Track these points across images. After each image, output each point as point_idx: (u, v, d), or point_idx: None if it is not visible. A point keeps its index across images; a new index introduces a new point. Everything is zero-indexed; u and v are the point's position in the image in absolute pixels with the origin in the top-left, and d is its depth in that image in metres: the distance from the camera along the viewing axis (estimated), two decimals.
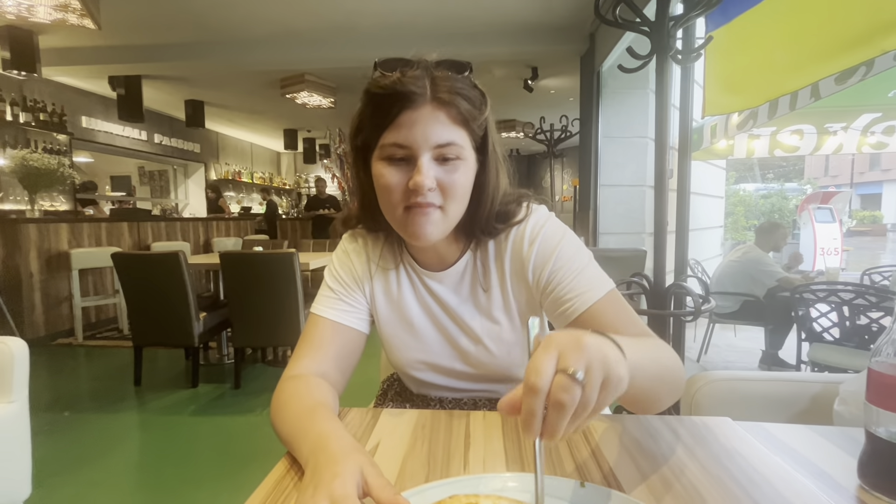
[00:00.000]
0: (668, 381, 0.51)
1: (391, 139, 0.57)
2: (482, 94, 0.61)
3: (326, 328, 0.66)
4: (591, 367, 0.34)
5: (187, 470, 1.86)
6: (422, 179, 0.55)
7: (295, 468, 0.49)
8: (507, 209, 0.66)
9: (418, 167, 0.56)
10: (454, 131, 0.57)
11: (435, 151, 0.57)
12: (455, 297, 0.69)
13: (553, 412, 0.33)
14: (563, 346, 0.34)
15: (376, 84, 0.57)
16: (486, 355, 0.68)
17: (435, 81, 0.56)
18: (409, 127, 0.56)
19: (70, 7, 2.93)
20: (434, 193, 0.57)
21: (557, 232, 0.65)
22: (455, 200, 0.59)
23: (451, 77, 0.57)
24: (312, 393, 0.56)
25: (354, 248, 0.72)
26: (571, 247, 0.63)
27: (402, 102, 0.55)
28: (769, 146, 4.06)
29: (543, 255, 0.63)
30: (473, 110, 0.58)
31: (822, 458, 0.50)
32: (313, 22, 3.95)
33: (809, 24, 1.61)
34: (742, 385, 0.70)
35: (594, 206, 3.86)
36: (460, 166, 0.58)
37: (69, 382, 2.92)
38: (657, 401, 0.51)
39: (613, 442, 0.54)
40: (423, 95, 0.56)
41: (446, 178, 0.57)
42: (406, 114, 0.56)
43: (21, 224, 3.49)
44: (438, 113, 0.56)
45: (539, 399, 0.33)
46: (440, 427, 0.58)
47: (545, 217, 0.66)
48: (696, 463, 0.48)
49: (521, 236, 0.65)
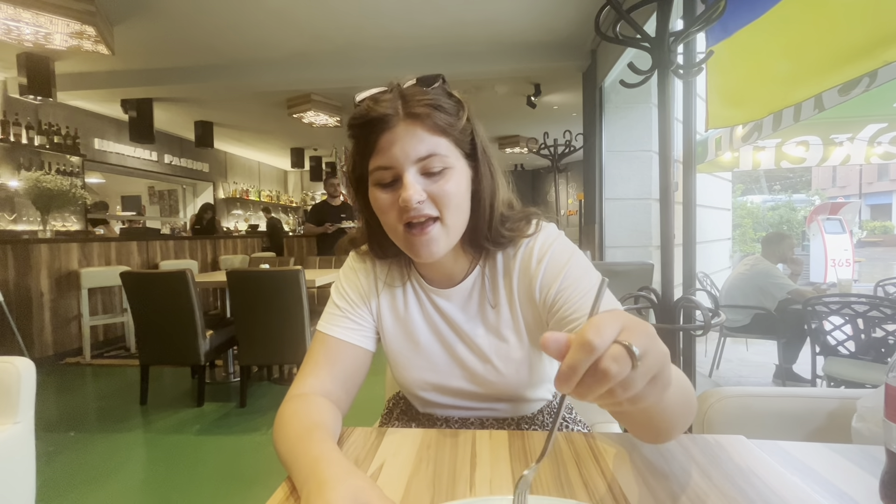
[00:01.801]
0: (683, 406, 0.48)
1: (376, 164, 0.58)
2: (458, 101, 0.61)
3: (332, 346, 0.66)
4: (650, 354, 0.31)
5: (192, 491, 1.84)
6: (408, 194, 0.56)
7: (296, 494, 0.48)
8: (515, 224, 0.65)
9: (404, 184, 0.57)
10: (434, 141, 0.57)
11: (418, 165, 0.57)
12: (463, 314, 0.68)
13: (594, 377, 0.30)
14: (632, 323, 0.32)
15: (353, 117, 0.59)
16: (494, 374, 0.67)
17: (405, 99, 0.57)
18: (389, 148, 0.57)
19: (85, 34, 3.02)
20: (426, 205, 0.58)
21: (566, 251, 0.64)
22: (450, 209, 0.59)
23: (420, 91, 0.58)
24: (311, 414, 0.55)
25: (362, 266, 0.71)
26: (579, 267, 0.62)
27: (378, 126, 0.57)
28: (775, 158, 4.05)
29: (551, 274, 0.62)
30: (449, 118, 0.59)
31: (842, 477, 0.48)
32: (318, 44, 4.04)
33: (810, 36, 1.62)
34: (755, 401, 0.68)
35: (600, 220, 3.85)
36: (450, 175, 0.58)
37: (76, 402, 2.92)
38: (669, 428, 0.48)
39: (625, 461, 0.52)
40: (395, 115, 0.57)
41: (436, 189, 0.58)
42: (384, 136, 0.57)
43: (33, 244, 3.55)
44: (414, 128, 0.57)
45: (589, 358, 0.29)
46: (446, 447, 0.57)
47: (554, 235, 0.66)
48: (710, 483, 0.47)
49: (529, 253, 0.65)
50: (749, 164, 4.19)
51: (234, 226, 8.54)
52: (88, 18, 2.93)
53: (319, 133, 6.56)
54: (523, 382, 0.68)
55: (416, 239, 0.58)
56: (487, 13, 3.51)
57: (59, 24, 2.89)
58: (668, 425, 0.47)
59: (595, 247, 3.85)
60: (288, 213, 10.28)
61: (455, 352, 0.68)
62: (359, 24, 3.67)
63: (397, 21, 3.63)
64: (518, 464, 0.52)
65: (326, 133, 6.47)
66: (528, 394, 0.69)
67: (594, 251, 3.87)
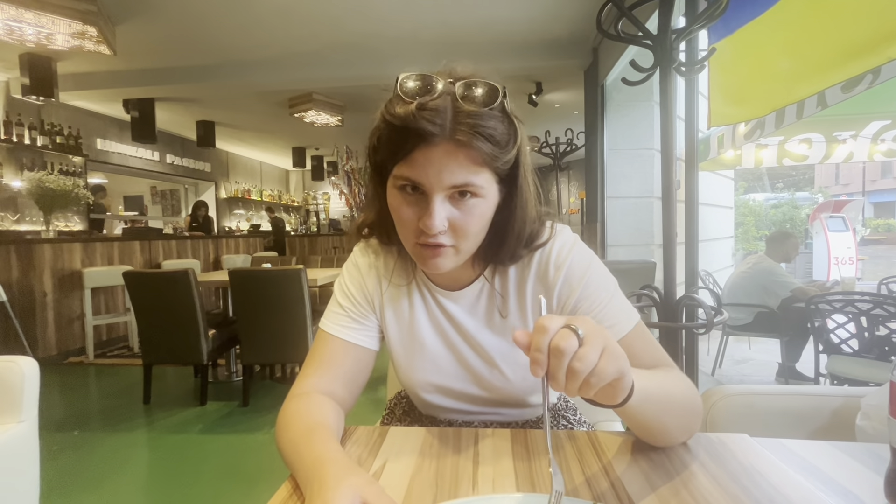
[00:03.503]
0: (675, 411, 0.49)
1: (404, 173, 0.52)
2: (512, 125, 0.54)
3: (335, 346, 0.65)
4: (592, 333, 0.39)
5: (195, 489, 1.84)
6: (432, 223, 0.51)
7: (298, 492, 0.48)
8: (533, 233, 0.61)
9: (430, 210, 0.52)
10: (473, 173, 0.51)
11: (448, 191, 0.52)
12: (470, 317, 0.66)
13: (553, 358, 0.38)
14: (576, 318, 0.40)
15: (392, 112, 0.52)
16: (500, 379, 0.65)
17: (457, 117, 0.50)
18: (424, 165, 0.51)
19: (87, 34, 3.03)
20: (445, 235, 0.54)
21: (585, 259, 0.61)
22: (467, 240, 0.55)
23: (475, 113, 0.50)
24: (313, 413, 0.55)
25: (366, 263, 0.69)
26: (599, 276, 0.60)
27: (416, 138, 0.50)
28: (777, 155, 4.03)
29: (570, 283, 0.60)
30: (497, 150, 0.52)
31: (847, 476, 0.48)
32: (319, 43, 4.04)
33: (813, 33, 1.61)
34: (758, 399, 0.68)
35: (602, 219, 3.85)
36: (476, 206, 0.53)
37: (79, 401, 2.93)
38: (665, 432, 0.49)
39: (627, 460, 0.52)
40: (440, 133, 0.49)
41: (459, 220, 0.53)
42: (421, 150, 0.50)
43: (36, 244, 3.56)
44: (457, 153, 0.50)
45: (545, 336, 0.38)
46: (448, 446, 0.57)
47: (571, 241, 0.63)
48: (713, 482, 0.47)
49: (546, 261, 0.62)
50: (751, 162, 4.18)
51: (235, 225, 8.56)
52: (90, 18, 2.94)
53: (321, 132, 6.56)
54: (530, 388, 0.66)
55: (427, 254, 0.55)
56: (488, 11, 3.50)
57: (61, 25, 2.90)
58: (665, 429, 0.49)
59: (597, 245, 3.85)
60: (290, 212, 10.29)
61: (461, 355, 0.67)
62: (359, 23, 3.66)
63: (398, 20, 3.63)
64: (521, 462, 0.52)
65: (328, 132, 6.47)
66: (533, 400, 0.68)
67: (596, 250, 3.86)
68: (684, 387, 0.51)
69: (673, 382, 0.51)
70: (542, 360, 0.38)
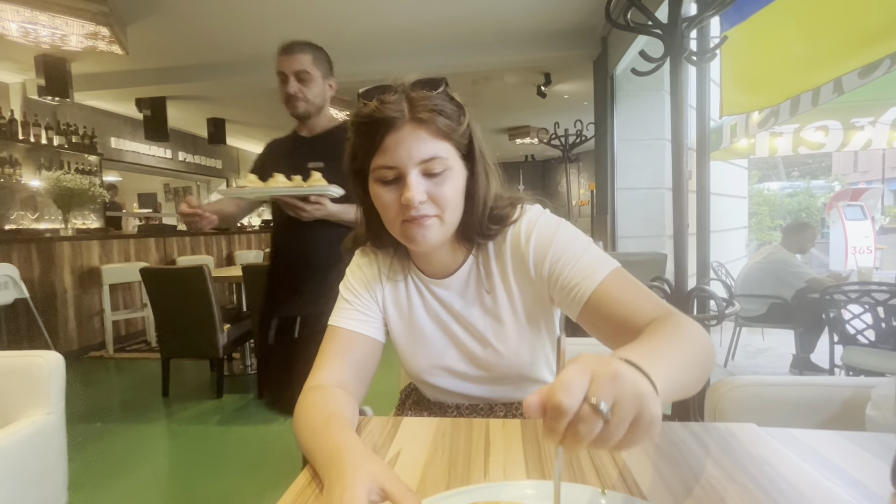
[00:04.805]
0: (698, 376, 0.48)
1: (380, 162, 0.60)
2: (460, 107, 0.63)
3: (343, 338, 0.68)
4: (622, 403, 0.32)
5: (214, 479, 1.90)
6: (411, 195, 0.58)
7: (317, 479, 0.50)
8: (502, 212, 0.68)
9: (407, 184, 0.59)
10: (436, 145, 0.60)
11: (421, 167, 0.60)
12: (461, 301, 0.71)
13: (573, 437, 0.32)
14: (598, 372, 0.33)
15: (359, 114, 0.61)
16: (494, 356, 0.70)
17: (412, 102, 0.59)
18: (394, 148, 0.59)
19: (99, 35, 3.07)
20: (427, 205, 0.60)
21: (552, 224, 0.67)
22: (448, 208, 0.62)
23: (427, 96, 0.60)
24: (329, 404, 0.57)
25: (367, 262, 0.75)
26: (567, 235, 0.65)
27: (384, 127, 0.59)
28: (793, 143, 3.95)
29: (541, 248, 0.65)
30: (452, 123, 0.61)
31: (854, 464, 0.48)
32: (326, 38, 4.00)
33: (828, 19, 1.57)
34: (768, 390, 0.68)
35: (612, 210, 3.81)
36: (448, 176, 0.61)
37: (101, 394, 3.02)
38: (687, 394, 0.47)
39: (644, 464, 0.52)
40: (401, 117, 0.59)
41: (436, 190, 0.61)
42: (389, 136, 0.59)
43: (55, 242, 3.65)
44: (419, 131, 0.59)
45: (563, 421, 0.32)
46: (460, 435, 0.58)
47: (538, 213, 0.69)
48: (720, 471, 0.48)
49: (517, 234, 0.68)
50: (766, 151, 4.10)
51: (247, 221, 8.65)
52: (102, 19, 2.98)
53: None
54: (524, 362, 0.70)
55: (413, 228, 0.61)
56: (496, 3, 3.47)
57: (74, 26, 2.94)
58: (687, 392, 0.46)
59: (607, 237, 3.82)
60: None
61: (457, 338, 0.72)
62: (367, 18, 3.66)
63: (405, 14, 3.61)
64: (531, 451, 0.53)
65: None
66: (529, 373, 0.72)
67: (606, 241, 3.84)
68: (693, 338, 0.50)
69: (685, 343, 0.49)
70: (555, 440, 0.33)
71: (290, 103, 1.39)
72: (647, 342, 0.48)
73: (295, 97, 1.37)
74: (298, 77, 1.37)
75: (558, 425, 0.32)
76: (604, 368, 0.33)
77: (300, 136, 1.48)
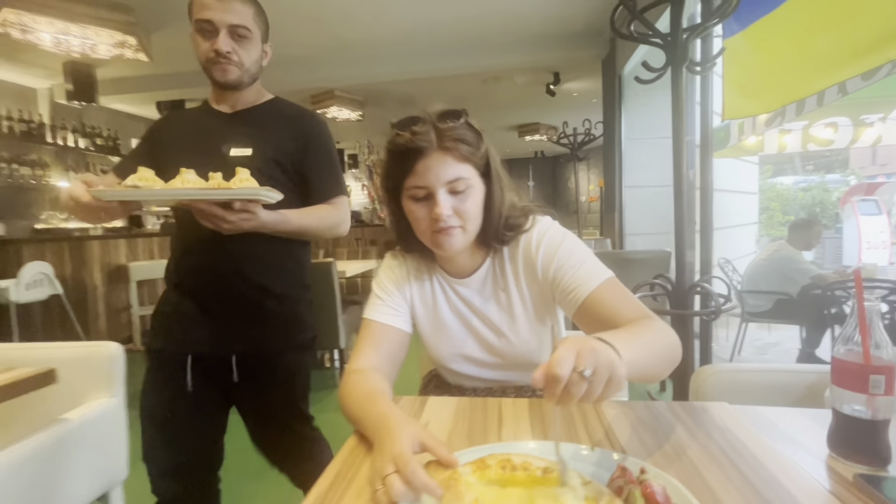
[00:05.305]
0: (662, 359, 0.63)
1: (413, 183, 0.73)
2: (478, 133, 0.75)
3: (376, 330, 0.80)
4: (599, 369, 0.46)
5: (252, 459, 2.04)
6: (440, 211, 0.71)
7: (363, 443, 0.62)
8: (516, 221, 0.80)
9: (436, 201, 0.72)
10: (459, 168, 0.72)
11: (447, 186, 0.72)
12: (479, 297, 0.83)
13: (566, 395, 0.45)
14: (582, 348, 0.46)
15: (394, 143, 0.73)
16: (507, 345, 0.82)
17: (439, 132, 0.71)
18: (424, 172, 0.71)
19: (126, 44, 3.23)
20: (452, 218, 0.73)
21: (559, 235, 0.79)
22: (470, 220, 0.74)
23: (451, 127, 0.72)
24: (370, 383, 0.69)
25: (397, 264, 0.87)
26: (570, 247, 0.77)
27: (415, 154, 0.71)
28: (802, 141, 3.98)
29: (548, 255, 0.77)
30: (472, 148, 0.73)
31: (802, 433, 0.59)
32: (339, 42, 4.16)
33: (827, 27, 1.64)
34: (743, 376, 0.78)
35: (620, 208, 3.88)
36: (470, 194, 0.74)
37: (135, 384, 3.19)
38: (654, 376, 0.63)
39: (625, 424, 0.64)
40: (430, 146, 0.71)
41: (460, 205, 0.73)
42: (420, 162, 0.71)
43: (86, 241, 3.84)
44: (445, 157, 0.71)
45: (559, 387, 0.45)
46: (477, 410, 0.70)
47: (548, 224, 0.81)
48: (690, 436, 0.58)
49: (529, 241, 0.80)
50: (774, 148, 4.12)
51: None
52: (129, 29, 3.13)
53: (341, 126, 6.70)
54: (532, 350, 0.82)
55: (441, 237, 0.74)
56: (506, 5, 3.55)
57: (104, 36, 3.10)
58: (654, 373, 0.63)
59: (615, 234, 3.90)
60: None
61: (475, 330, 0.83)
62: (378, 21, 3.76)
63: (416, 17, 3.71)
64: (535, 423, 0.65)
65: (348, 127, 6.61)
66: (536, 359, 0.83)
67: (614, 239, 3.92)
68: (661, 334, 0.64)
69: (652, 336, 0.63)
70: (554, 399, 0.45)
71: (219, 67, 1.02)
72: (619, 331, 0.62)
73: (228, 59, 1.01)
74: (235, 32, 1.01)
75: (556, 390, 0.45)
76: (585, 345, 0.46)
77: (216, 111, 1.11)
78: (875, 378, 0.49)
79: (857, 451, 0.51)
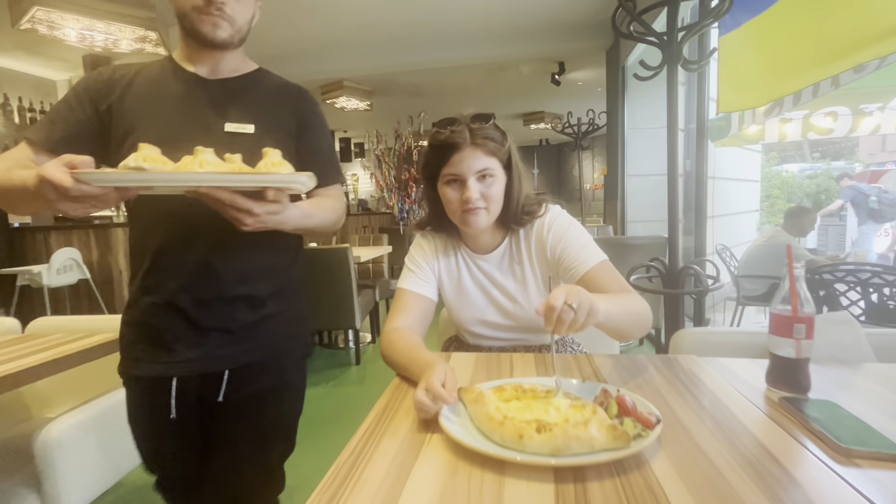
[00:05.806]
0: (632, 320, 0.80)
1: (448, 171, 0.91)
2: (503, 133, 0.93)
3: (408, 297, 0.96)
4: (582, 303, 0.64)
5: None
6: (470, 195, 0.89)
7: (404, 383, 0.78)
8: (531, 208, 0.97)
9: (467, 187, 0.89)
10: (487, 160, 0.90)
11: (476, 175, 0.90)
12: (498, 271, 1.00)
13: (560, 322, 0.64)
14: (570, 290, 0.65)
15: (436, 139, 0.92)
16: (521, 311, 0.98)
17: (472, 131, 0.90)
18: (459, 163, 0.89)
19: (147, 38, 3.36)
20: (479, 201, 0.90)
21: (566, 222, 0.96)
22: (493, 203, 0.91)
23: (481, 127, 0.90)
24: (410, 337, 0.86)
25: (426, 242, 1.03)
26: (575, 232, 0.94)
27: (452, 148, 0.90)
28: (802, 129, 4.05)
29: (556, 238, 0.94)
30: (498, 145, 0.91)
31: (750, 375, 0.75)
32: (348, 34, 4.27)
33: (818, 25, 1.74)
34: (714, 337, 0.94)
35: (622, 196, 4.01)
36: (494, 181, 0.91)
37: None
38: (625, 333, 0.81)
39: (607, 365, 0.80)
40: (464, 142, 0.89)
41: (486, 191, 0.90)
42: (455, 155, 0.90)
43: (111, 228, 4.02)
44: (476, 151, 0.89)
45: (554, 315, 0.63)
46: (492, 362, 0.86)
47: (558, 213, 0.98)
48: (663, 379, 0.74)
49: (542, 226, 0.97)
50: (775, 137, 4.20)
51: None
52: (151, 24, 3.26)
53: (349, 116, 6.82)
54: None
55: (469, 216, 0.91)
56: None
57: (127, 31, 3.24)
58: (624, 331, 0.80)
59: (617, 221, 4.03)
60: None
61: (493, 298, 1.00)
62: (388, 13, 3.86)
63: (423, 8, 3.81)
64: (540, 369, 0.81)
65: (357, 116, 6.72)
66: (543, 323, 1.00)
67: (616, 226, 4.05)
68: (636, 303, 0.82)
69: (627, 302, 0.81)
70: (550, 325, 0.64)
71: (209, 19, 0.82)
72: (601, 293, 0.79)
73: (220, 10, 0.82)
74: None
75: (552, 318, 0.63)
76: (572, 288, 0.66)
77: (194, 76, 0.90)
78: (798, 326, 0.64)
79: (786, 382, 0.67)
